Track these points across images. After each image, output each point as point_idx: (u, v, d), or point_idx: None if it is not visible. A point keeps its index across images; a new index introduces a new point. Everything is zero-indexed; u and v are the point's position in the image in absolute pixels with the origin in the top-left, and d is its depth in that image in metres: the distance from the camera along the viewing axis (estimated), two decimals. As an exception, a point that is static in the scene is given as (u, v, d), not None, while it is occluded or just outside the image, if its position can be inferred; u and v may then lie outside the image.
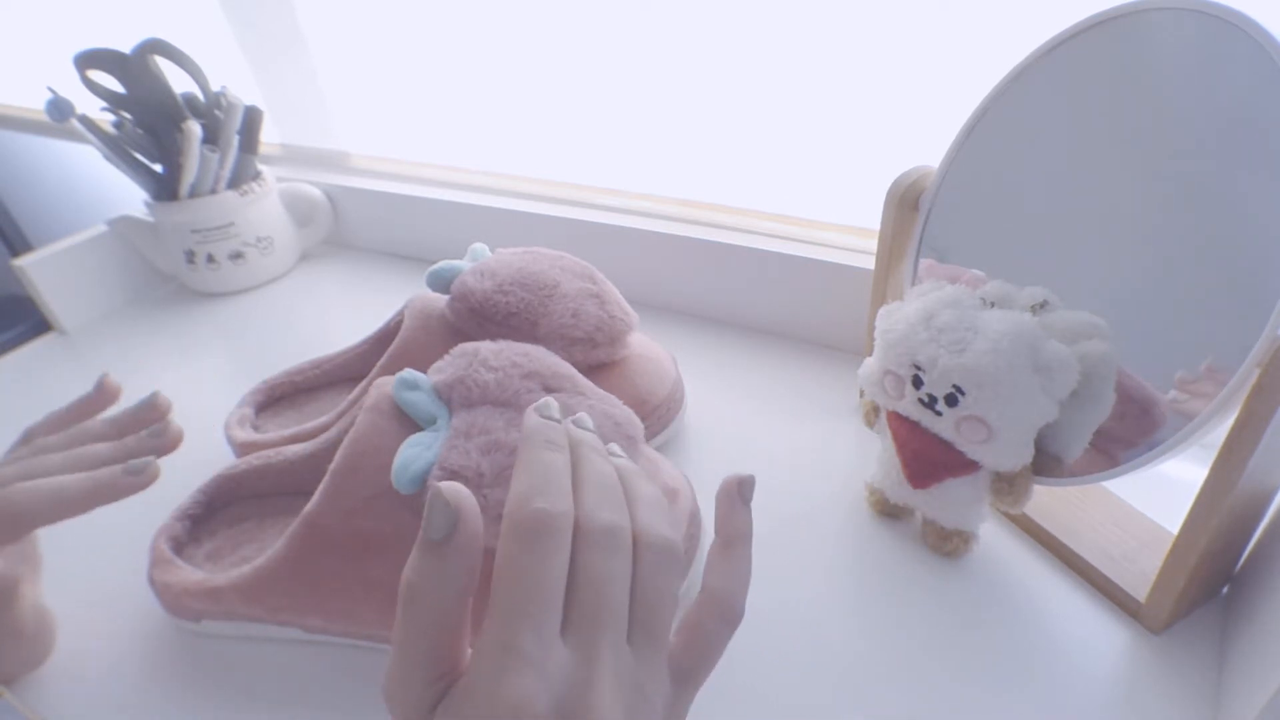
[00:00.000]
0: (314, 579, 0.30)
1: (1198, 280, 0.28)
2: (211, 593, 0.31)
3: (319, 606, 0.31)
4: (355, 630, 0.31)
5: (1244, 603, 0.30)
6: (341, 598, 0.30)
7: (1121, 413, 0.29)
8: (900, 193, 0.38)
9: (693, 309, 0.55)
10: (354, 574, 0.30)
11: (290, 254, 0.67)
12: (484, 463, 0.28)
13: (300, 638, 0.32)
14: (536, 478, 0.22)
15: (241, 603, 0.31)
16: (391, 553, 0.29)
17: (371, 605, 0.30)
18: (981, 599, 0.33)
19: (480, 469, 0.28)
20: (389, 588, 0.27)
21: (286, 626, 0.32)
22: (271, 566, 0.30)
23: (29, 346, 0.59)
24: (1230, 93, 0.26)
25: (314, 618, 0.31)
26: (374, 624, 0.30)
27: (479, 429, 0.29)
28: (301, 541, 0.30)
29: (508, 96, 0.62)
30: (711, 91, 0.52)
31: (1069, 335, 0.29)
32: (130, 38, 0.55)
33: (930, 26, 0.42)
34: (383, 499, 0.29)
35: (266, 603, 0.31)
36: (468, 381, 0.31)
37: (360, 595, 0.30)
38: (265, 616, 0.32)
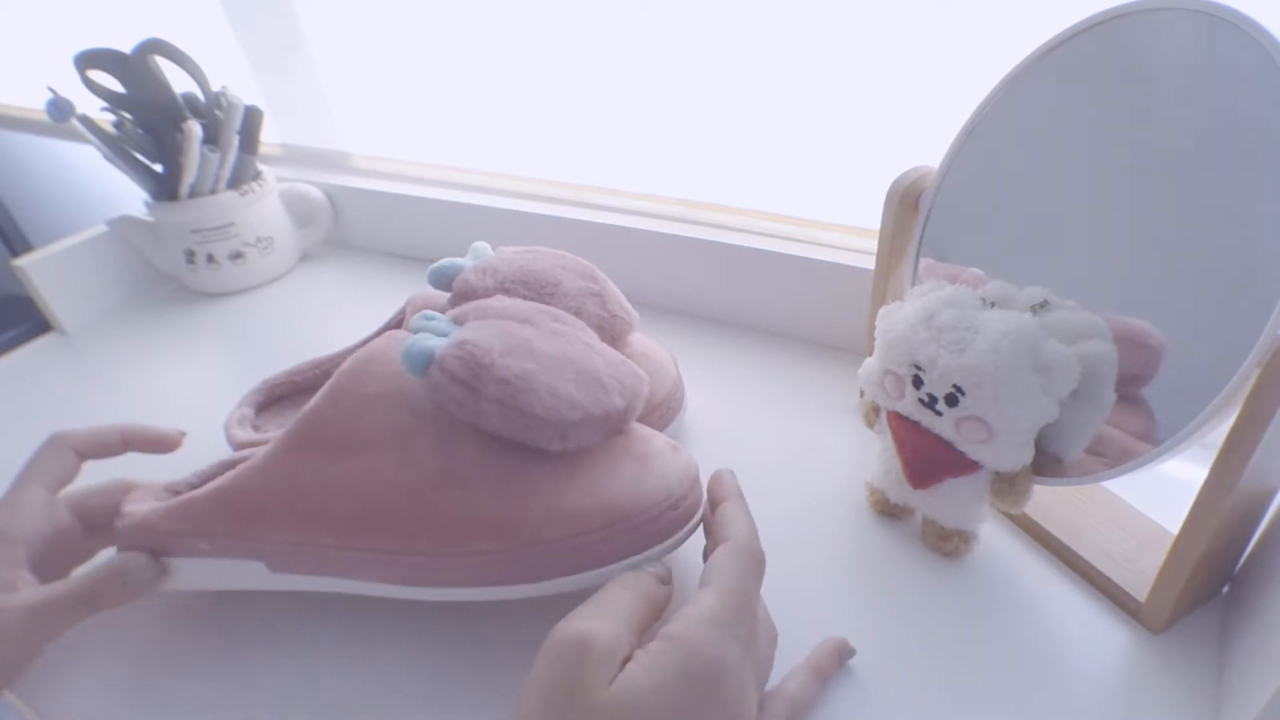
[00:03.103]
0: (300, 476, 0.29)
1: (1197, 280, 0.28)
2: (182, 506, 0.30)
3: (298, 507, 0.29)
4: (330, 540, 0.29)
5: (1244, 603, 0.30)
6: (325, 496, 0.29)
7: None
8: (900, 193, 0.38)
9: (693, 309, 0.55)
10: (344, 468, 0.29)
11: (290, 254, 0.67)
12: (495, 340, 0.29)
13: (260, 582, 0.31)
14: (755, 530, 0.27)
15: (214, 514, 0.30)
16: (382, 450, 0.29)
17: (356, 502, 0.29)
18: (981, 599, 0.33)
19: (492, 343, 0.29)
20: (375, 482, 0.29)
21: (252, 558, 0.30)
22: (257, 465, 0.29)
23: (29, 346, 0.59)
24: (1230, 93, 0.26)
25: (288, 529, 0.29)
26: (351, 526, 0.29)
27: (491, 324, 0.30)
28: (295, 438, 0.29)
29: (508, 96, 0.62)
30: (712, 91, 0.52)
31: (1069, 335, 0.29)
32: (130, 38, 0.55)
33: (930, 27, 0.42)
34: (387, 398, 0.29)
35: (243, 508, 0.29)
36: (484, 307, 0.32)
37: (345, 490, 0.29)
38: (234, 534, 0.30)
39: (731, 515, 0.28)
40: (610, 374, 0.31)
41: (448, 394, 0.28)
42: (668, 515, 0.29)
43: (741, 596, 0.25)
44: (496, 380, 0.28)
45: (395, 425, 0.29)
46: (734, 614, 0.24)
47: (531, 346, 0.30)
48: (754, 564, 0.26)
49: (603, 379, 0.30)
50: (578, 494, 0.29)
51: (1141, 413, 0.29)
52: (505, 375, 0.28)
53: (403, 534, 0.29)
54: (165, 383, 0.53)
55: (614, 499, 0.29)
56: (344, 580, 0.31)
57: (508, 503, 0.28)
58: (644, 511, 0.29)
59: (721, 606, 0.24)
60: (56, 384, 0.54)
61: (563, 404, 0.28)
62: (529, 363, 0.29)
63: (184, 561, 0.31)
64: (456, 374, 0.28)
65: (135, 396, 0.51)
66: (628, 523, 0.28)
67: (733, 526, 0.27)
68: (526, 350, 0.29)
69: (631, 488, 0.29)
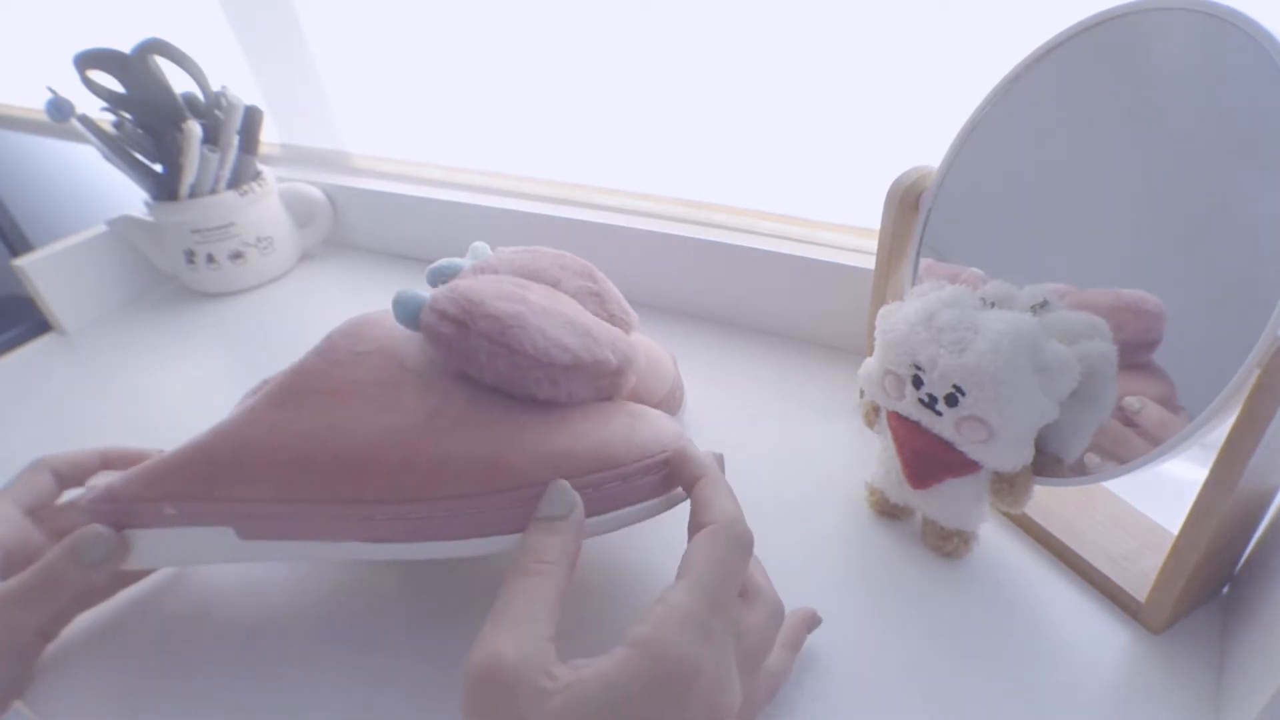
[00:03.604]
0: (281, 424, 0.28)
1: (1198, 280, 0.28)
2: (147, 469, 0.28)
3: (271, 463, 0.27)
4: (308, 493, 0.27)
5: (1244, 603, 0.30)
6: (299, 445, 0.27)
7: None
8: (900, 193, 0.38)
9: (693, 309, 0.55)
10: (327, 414, 0.28)
11: (290, 254, 0.67)
12: (488, 286, 0.29)
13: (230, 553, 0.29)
14: (739, 508, 0.26)
15: (183, 473, 0.28)
16: (367, 400, 0.28)
17: (338, 447, 0.27)
18: (981, 599, 0.33)
19: (483, 287, 0.29)
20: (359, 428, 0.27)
21: (222, 524, 0.28)
22: (235, 418, 0.28)
23: (29, 346, 0.59)
24: (1230, 93, 0.26)
25: (266, 482, 0.27)
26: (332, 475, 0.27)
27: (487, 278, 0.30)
28: (280, 390, 0.28)
29: (508, 96, 0.62)
30: (711, 91, 0.52)
31: (1069, 335, 0.29)
32: (130, 38, 0.55)
33: (930, 27, 0.42)
34: (377, 354, 0.29)
35: (217, 464, 0.28)
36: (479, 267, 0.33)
37: (327, 436, 0.27)
38: (204, 494, 0.28)
39: (710, 497, 0.26)
40: (604, 334, 0.31)
41: (438, 334, 0.28)
42: (662, 469, 0.28)
43: (717, 587, 0.23)
44: (486, 316, 0.28)
45: (383, 377, 0.29)
46: (708, 607, 0.22)
47: (525, 295, 0.29)
48: (735, 547, 0.24)
49: (595, 334, 0.30)
50: (566, 438, 0.28)
51: (1159, 378, 0.28)
52: (495, 312, 0.28)
53: (383, 479, 0.27)
54: (165, 383, 0.53)
55: (606, 444, 0.28)
56: (320, 544, 0.29)
57: (492, 444, 0.27)
58: (637, 460, 0.28)
59: (694, 601, 0.22)
60: (56, 384, 0.54)
61: (553, 345, 0.28)
62: (521, 306, 0.29)
63: (147, 533, 0.29)
64: (447, 311, 0.28)
65: (135, 396, 0.51)
66: (620, 470, 0.27)
67: (713, 509, 0.25)
68: (519, 298, 0.29)
69: (624, 436, 0.28)
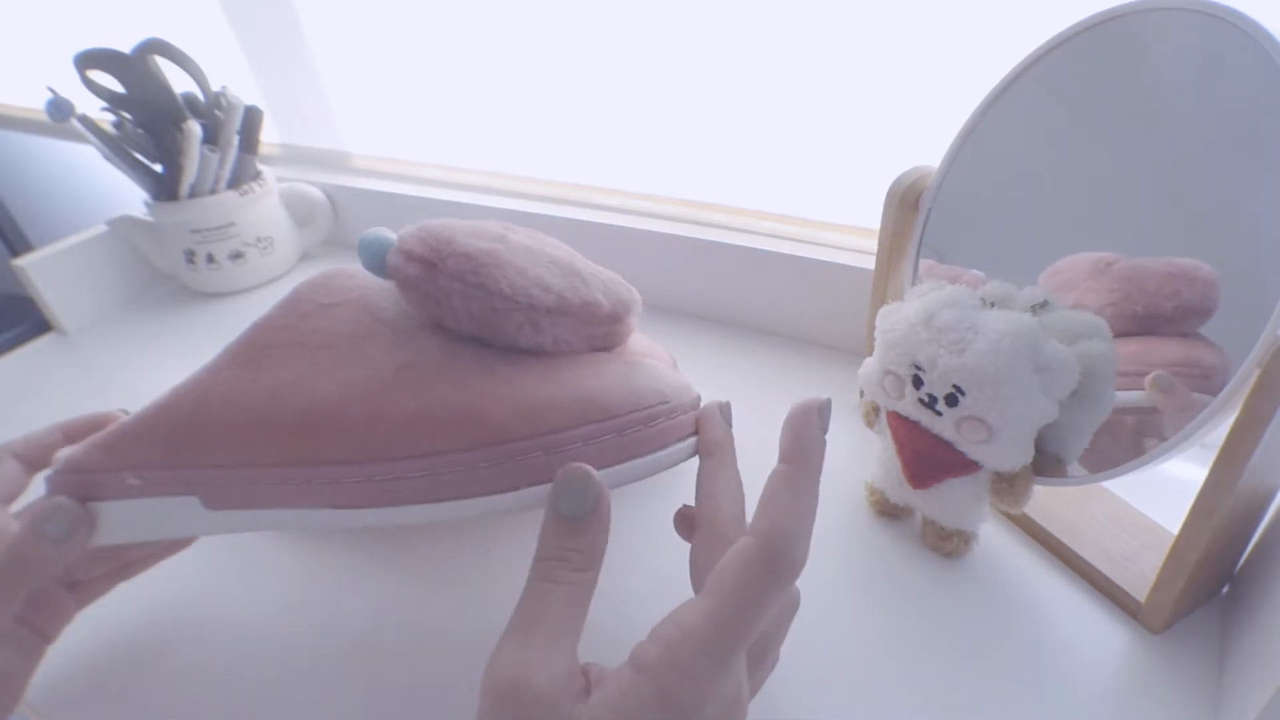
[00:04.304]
0: (243, 383, 0.26)
1: (1198, 280, 0.28)
2: (107, 435, 0.26)
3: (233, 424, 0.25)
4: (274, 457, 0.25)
5: (1244, 603, 0.30)
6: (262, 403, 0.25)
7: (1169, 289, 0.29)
8: (900, 193, 0.38)
9: (693, 309, 0.55)
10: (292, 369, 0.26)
11: (290, 254, 0.67)
12: (461, 228, 0.26)
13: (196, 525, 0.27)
14: (804, 526, 0.21)
15: (144, 438, 0.26)
16: (334, 352, 0.26)
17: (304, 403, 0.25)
18: (981, 599, 0.33)
19: (456, 226, 0.26)
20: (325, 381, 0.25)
21: (186, 493, 0.26)
22: (195, 378, 0.27)
23: (29, 346, 0.59)
24: (1230, 93, 0.26)
25: (225, 447, 0.26)
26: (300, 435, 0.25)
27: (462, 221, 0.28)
28: (242, 346, 0.27)
29: (508, 96, 0.62)
30: (712, 91, 0.52)
31: (1069, 335, 0.29)
32: (130, 38, 0.55)
33: (930, 26, 0.42)
34: (346, 306, 0.27)
35: (175, 433, 0.26)
36: None
37: (292, 393, 0.25)
38: (167, 461, 0.26)
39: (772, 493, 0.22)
40: (594, 275, 0.28)
41: (405, 276, 0.25)
42: (662, 421, 0.25)
43: (745, 619, 0.20)
44: (457, 254, 0.25)
45: (352, 330, 0.26)
46: (732, 642, 0.20)
47: (504, 234, 0.27)
48: (778, 575, 0.20)
49: (583, 274, 0.27)
50: (551, 386, 0.25)
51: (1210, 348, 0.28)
52: (467, 249, 0.25)
53: (348, 437, 0.25)
54: (165, 383, 0.52)
55: (597, 392, 0.25)
56: (290, 511, 0.26)
57: (467, 396, 0.25)
58: (632, 410, 0.25)
59: (715, 632, 0.19)
60: (56, 384, 0.54)
61: (533, 285, 0.25)
62: (496, 244, 0.26)
63: (112, 506, 0.27)
64: (414, 251, 0.25)
65: (135, 396, 0.51)
66: (614, 422, 0.25)
67: (767, 515, 0.21)
68: (495, 235, 0.26)
69: (616, 385, 0.26)
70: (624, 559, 0.35)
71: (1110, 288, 0.30)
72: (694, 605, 0.20)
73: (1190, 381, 0.27)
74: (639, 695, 0.19)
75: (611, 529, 0.23)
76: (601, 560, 0.22)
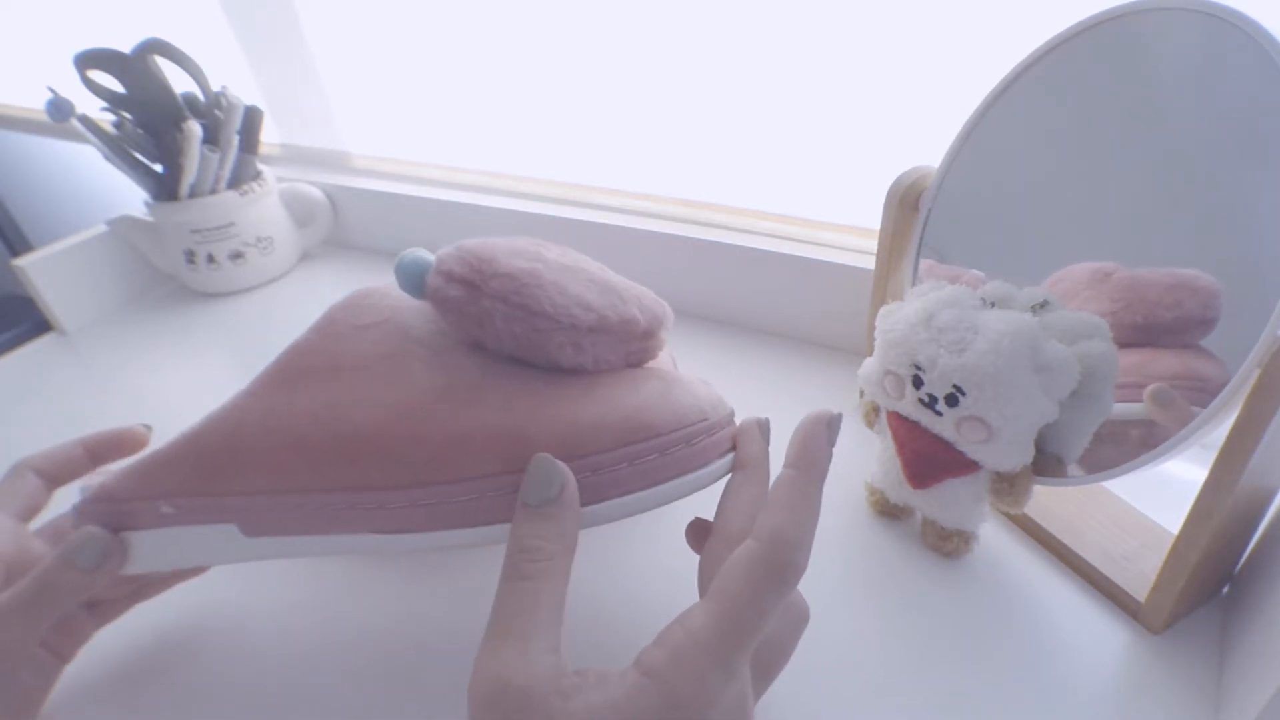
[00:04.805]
0: (279, 408, 0.26)
1: (1198, 280, 0.28)
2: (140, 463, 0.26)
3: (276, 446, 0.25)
4: (313, 483, 0.25)
5: (1244, 603, 0.30)
6: (298, 427, 0.25)
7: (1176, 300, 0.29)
8: (900, 193, 0.38)
9: (693, 309, 0.55)
10: (328, 393, 0.25)
11: (290, 254, 0.67)
12: (500, 244, 0.26)
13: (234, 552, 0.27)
14: (806, 530, 0.22)
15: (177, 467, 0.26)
16: (371, 374, 0.26)
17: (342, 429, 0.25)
18: (981, 599, 0.33)
19: (495, 246, 0.26)
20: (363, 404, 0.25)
21: (224, 520, 0.26)
22: (230, 404, 0.26)
23: (29, 346, 0.59)
24: (1230, 93, 0.26)
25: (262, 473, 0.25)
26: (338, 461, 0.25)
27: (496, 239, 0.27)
28: (277, 371, 0.26)
29: (508, 96, 0.62)
30: (711, 91, 0.52)
31: (1069, 335, 0.29)
32: (130, 38, 0.55)
33: (930, 26, 0.42)
34: (380, 327, 0.27)
35: (212, 455, 0.25)
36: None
37: (329, 418, 0.25)
38: (202, 489, 0.26)
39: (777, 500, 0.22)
40: (630, 291, 0.28)
41: (447, 297, 0.25)
42: (703, 439, 0.25)
43: (750, 622, 0.20)
44: (500, 275, 0.25)
45: (388, 350, 0.26)
46: (736, 645, 0.20)
47: (540, 252, 0.27)
48: (781, 579, 0.21)
49: (620, 290, 0.27)
50: (594, 407, 0.25)
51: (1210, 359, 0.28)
52: (509, 270, 0.25)
53: (392, 460, 0.24)
54: (165, 383, 0.53)
55: (640, 411, 0.25)
56: (331, 538, 0.26)
57: (511, 418, 0.24)
58: (675, 429, 0.25)
59: (721, 636, 0.20)
60: (56, 384, 0.54)
61: (575, 304, 0.25)
62: (536, 263, 0.26)
63: (146, 535, 0.27)
64: (455, 272, 0.25)
65: (135, 396, 0.51)
66: (657, 441, 0.25)
67: (769, 520, 0.21)
68: (534, 254, 0.26)
69: (658, 402, 0.25)
70: (634, 560, 0.35)
71: (1111, 297, 0.30)
72: (700, 610, 0.20)
73: (1189, 395, 0.27)
74: (646, 700, 0.19)
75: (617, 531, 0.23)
76: (573, 550, 0.22)
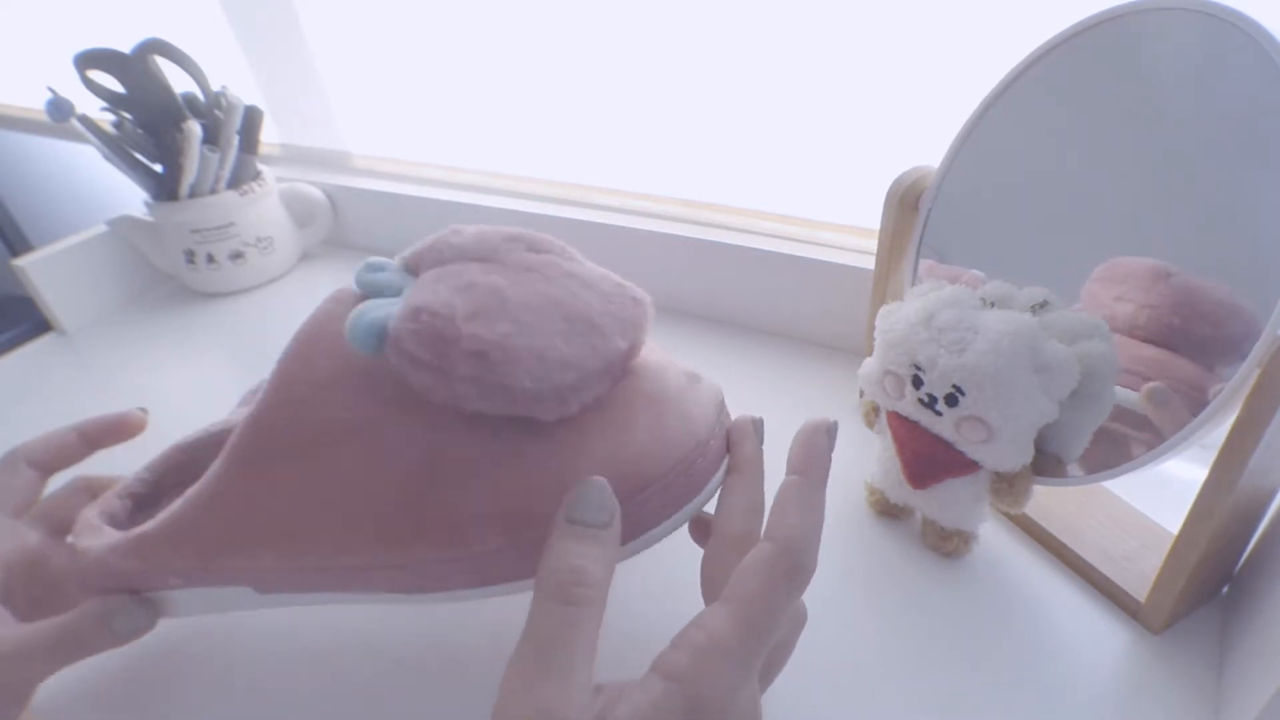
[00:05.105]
0: (260, 497, 0.25)
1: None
2: (140, 543, 0.26)
3: (267, 533, 0.25)
4: (315, 562, 0.25)
5: (1244, 603, 0.30)
6: (295, 514, 0.24)
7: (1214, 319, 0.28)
8: (900, 193, 0.38)
9: (693, 309, 0.55)
10: (308, 481, 0.24)
11: (290, 254, 0.67)
12: (457, 300, 0.23)
13: (252, 604, 0.27)
14: (815, 533, 0.22)
15: (174, 551, 0.25)
16: (351, 445, 0.24)
17: (331, 521, 0.24)
18: (981, 599, 0.33)
19: (453, 304, 0.23)
20: (350, 493, 0.24)
21: (233, 585, 0.26)
22: (209, 490, 0.25)
23: (29, 346, 0.59)
24: (1230, 93, 0.26)
25: (264, 553, 0.25)
26: (335, 544, 0.24)
27: (450, 274, 0.25)
28: (245, 449, 0.25)
29: (508, 96, 0.62)
30: (711, 91, 0.52)
31: (1069, 335, 0.29)
32: (130, 38, 0.55)
33: (930, 26, 0.42)
34: (340, 384, 0.24)
35: (206, 541, 0.25)
36: (439, 245, 0.26)
37: (317, 505, 0.24)
38: (202, 568, 0.25)
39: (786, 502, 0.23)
40: (604, 309, 0.26)
41: (412, 379, 0.23)
42: (699, 464, 0.25)
43: (766, 623, 0.20)
44: (467, 355, 0.22)
45: (359, 417, 0.24)
46: (753, 646, 0.20)
47: (503, 298, 0.24)
48: (794, 580, 0.21)
49: (596, 319, 0.25)
50: (591, 463, 0.24)
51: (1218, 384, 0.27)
52: (477, 347, 0.22)
53: (394, 543, 0.24)
54: (165, 383, 0.53)
55: (636, 462, 0.24)
56: (345, 594, 0.26)
57: (511, 491, 0.24)
58: (672, 467, 0.25)
59: (740, 637, 0.20)
60: (56, 384, 0.54)
61: (553, 367, 0.23)
62: (503, 323, 0.23)
63: (165, 593, 0.27)
64: (417, 356, 0.22)
65: (135, 397, 0.51)
66: (658, 484, 0.24)
67: (784, 522, 0.22)
68: (498, 305, 0.24)
69: (653, 439, 0.25)
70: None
71: (1160, 292, 0.29)
72: (718, 611, 0.20)
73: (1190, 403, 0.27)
74: (670, 704, 0.19)
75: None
76: (611, 576, 0.21)
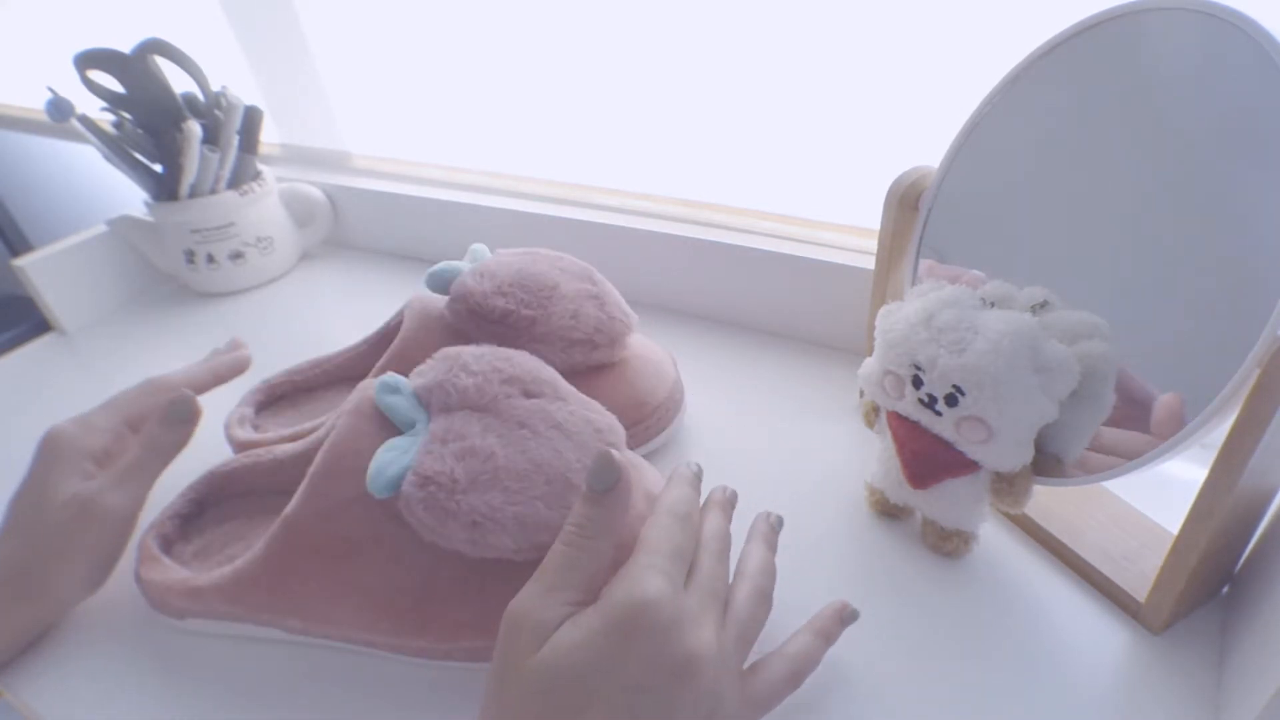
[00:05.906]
0: (292, 581, 0.30)
1: (1198, 280, 0.28)
2: (194, 592, 0.32)
3: (297, 609, 0.31)
4: (334, 632, 0.31)
5: (1244, 603, 0.30)
6: (319, 600, 0.30)
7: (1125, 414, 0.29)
8: (900, 193, 0.38)
9: (693, 309, 0.55)
10: (331, 576, 0.30)
11: (290, 254, 0.67)
12: (458, 468, 0.28)
13: (282, 638, 0.32)
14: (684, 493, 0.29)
15: (223, 602, 0.31)
16: (368, 557, 0.30)
17: (348, 608, 0.30)
18: (981, 599, 0.33)
19: (455, 474, 0.28)
20: (366, 591, 0.30)
21: (268, 626, 0.32)
22: (250, 569, 0.31)
23: (29, 346, 0.59)
24: (1230, 93, 0.26)
25: (293, 619, 0.31)
26: (351, 626, 0.31)
27: (455, 434, 0.29)
28: (280, 544, 0.30)
29: (508, 96, 0.62)
30: (711, 91, 0.52)
31: (1069, 335, 0.29)
32: (130, 38, 0.55)
33: (930, 26, 0.42)
34: (360, 503, 0.29)
35: (247, 603, 0.31)
36: (446, 386, 0.31)
37: (338, 597, 0.30)
38: (246, 615, 0.32)
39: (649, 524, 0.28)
40: (580, 462, 0.30)
41: (419, 531, 0.28)
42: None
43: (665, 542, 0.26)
44: (463, 524, 0.28)
45: (375, 531, 0.30)
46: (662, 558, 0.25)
47: (495, 465, 0.29)
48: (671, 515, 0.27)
49: (573, 479, 0.29)
50: None
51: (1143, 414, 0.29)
52: (472, 517, 0.28)
53: (397, 635, 0.30)
54: (165, 383, 0.53)
55: None
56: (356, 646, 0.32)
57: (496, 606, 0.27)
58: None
59: (646, 554, 0.25)
60: (56, 384, 0.54)
61: (533, 531, 0.28)
62: (494, 494, 0.28)
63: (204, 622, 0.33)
64: (424, 520, 0.28)
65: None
66: None
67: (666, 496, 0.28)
68: (491, 475, 0.29)
69: None
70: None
71: None
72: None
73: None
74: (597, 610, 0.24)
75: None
76: (613, 534, 0.26)
